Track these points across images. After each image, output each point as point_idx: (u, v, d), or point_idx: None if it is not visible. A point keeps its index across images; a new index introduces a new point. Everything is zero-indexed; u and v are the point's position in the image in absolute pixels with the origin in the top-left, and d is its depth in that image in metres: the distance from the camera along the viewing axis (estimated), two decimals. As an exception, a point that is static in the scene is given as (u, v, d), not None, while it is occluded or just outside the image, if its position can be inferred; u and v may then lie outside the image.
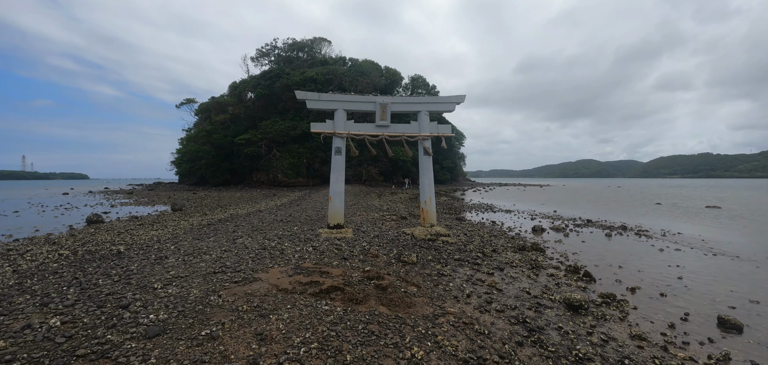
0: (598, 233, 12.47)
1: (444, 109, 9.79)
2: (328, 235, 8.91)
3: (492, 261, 7.67)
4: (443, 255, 7.73)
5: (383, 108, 9.41)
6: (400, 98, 9.38)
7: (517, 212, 19.99)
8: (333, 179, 9.39)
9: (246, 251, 7.27)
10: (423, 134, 9.60)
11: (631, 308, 5.41)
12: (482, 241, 9.62)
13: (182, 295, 4.72)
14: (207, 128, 51.57)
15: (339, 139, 9.35)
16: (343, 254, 7.09)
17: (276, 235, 9.08)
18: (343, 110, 9.46)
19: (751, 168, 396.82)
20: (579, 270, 7.34)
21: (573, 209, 22.48)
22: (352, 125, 9.52)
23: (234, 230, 10.30)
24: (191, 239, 9.18)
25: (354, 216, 14.03)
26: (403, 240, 8.82)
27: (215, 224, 12.17)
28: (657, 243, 10.77)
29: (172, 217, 15.78)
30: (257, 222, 12.11)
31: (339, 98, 9.42)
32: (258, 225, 11.24)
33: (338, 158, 9.38)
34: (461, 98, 9.77)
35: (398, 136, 9.56)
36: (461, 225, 12.90)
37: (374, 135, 9.49)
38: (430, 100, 9.68)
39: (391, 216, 14.36)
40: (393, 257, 7.20)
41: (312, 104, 9.36)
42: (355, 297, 4.76)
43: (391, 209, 18.29)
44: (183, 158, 56.71)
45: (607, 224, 14.60)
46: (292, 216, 13.72)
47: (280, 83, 47.73)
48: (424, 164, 9.75)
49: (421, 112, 9.67)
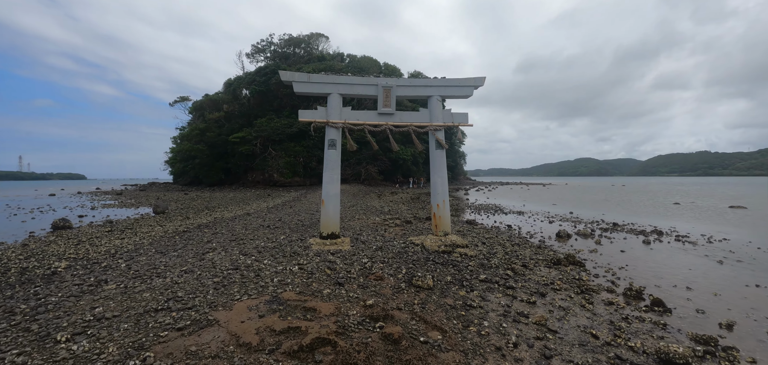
0: (633, 240, 10.85)
1: (460, 94, 8.14)
2: (320, 247, 7.27)
3: (526, 281, 6.05)
4: (465, 274, 6.10)
5: (387, 92, 7.77)
6: (407, 79, 7.73)
7: (530, 213, 18.36)
8: (326, 178, 7.73)
9: (211, 272, 5.62)
10: (435, 123, 7.95)
11: (749, 362, 3.79)
12: (506, 252, 7.98)
13: (88, 358, 3.08)
14: (200, 126, 49.83)
15: (333, 129, 7.70)
16: (337, 277, 5.45)
17: (257, 248, 7.44)
18: (338, 94, 7.81)
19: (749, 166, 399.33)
20: (642, 294, 5.71)
21: (588, 209, 20.87)
22: (350, 113, 7.88)
23: (209, 240, 8.65)
24: (153, 252, 7.53)
25: (352, 221, 12.38)
26: (412, 253, 7.19)
27: (192, 232, 10.52)
28: (711, 252, 9.15)
29: (150, 221, 14.13)
30: (240, 229, 10.45)
31: (333, 80, 7.77)
32: (240, 233, 9.59)
33: (332, 154, 7.73)
34: (480, 80, 8.14)
35: (405, 126, 7.92)
36: (474, 231, 11.26)
37: (376, 125, 7.85)
38: (444, 82, 8.04)
39: (393, 220, 12.72)
40: (402, 280, 5.56)
41: (300, 86, 7.71)
42: (351, 359, 3.12)
43: (393, 211, 16.65)
44: (176, 157, 55.02)
45: (638, 229, 12.99)
46: (282, 221, 12.07)
47: (276, 80, 45.95)
48: (437, 160, 8.11)
49: (433, 97, 8.03)
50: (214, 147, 46.39)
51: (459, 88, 8.11)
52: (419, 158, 53.15)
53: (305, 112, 7.81)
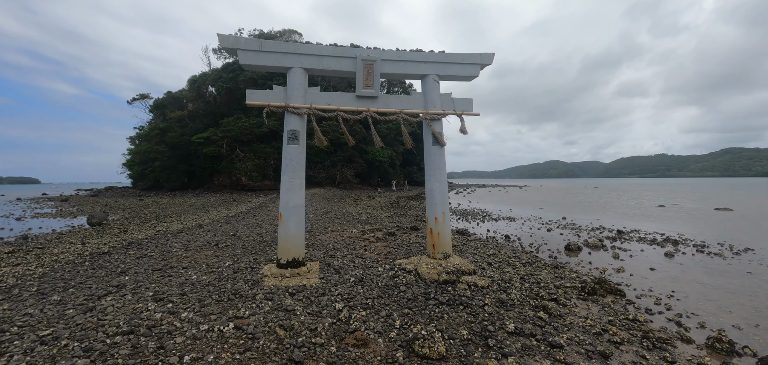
0: (652, 252, 9.41)
1: (462, 74, 6.29)
2: (275, 281, 5.17)
3: (570, 328, 4.23)
4: (486, 323, 4.20)
5: (368, 68, 5.79)
6: (395, 51, 5.78)
7: (522, 219, 16.89)
8: (285, 184, 5.64)
9: (85, 342, 3.43)
10: (432, 110, 6.05)
11: None
12: (522, 278, 6.17)
13: None
14: (161, 126, 45.88)
15: (295, 116, 5.64)
16: (294, 344, 3.40)
17: (184, 283, 5.25)
18: (302, 69, 5.76)
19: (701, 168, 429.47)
20: (734, 348, 4.03)
21: (577, 213, 19.74)
22: (318, 95, 5.84)
23: (125, 270, 6.33)
24: (28, 295, 5.14)
25: (325, 234, 10.28)
26: (405, 287, 5.23)
27: (115, 253, 8.09)
28: (747, 266, 7.78)
29: (76, 237, 11.42)
30: (179, 249, 8.15)
31: (295, 50, 5.70)
32: (175, 256, 7.31)
33: (293, 150, 5.65)
34: (489, 56, 6.32)
35: (393, 113, 5.97)
36: (470, 244, 9.46)
37: (354, 111, 5.85)
38: (444, 57, 6.14)
39: (374, 231, 10.74)
40: (397, 343, 3.59)
41: (249, 57, 5.59)
42: None
43: (372, 219, 14.65)
44: (134, 159, 50.52)
45: (646, 237, 11.66)
46: (236, 235, 9.82)
47: (245, 77, 42.87)
48: (434, 160, 6.19)
49: (429, 77, 6.12)
50: (177, 148, 42.70)
51: (462, 66, 6.25)
52: (396, 160, 51.47)
53: (256, 92, 5.69)
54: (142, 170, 47.67)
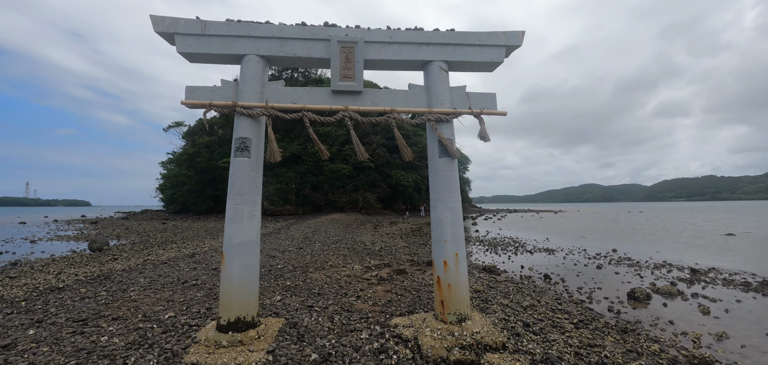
0: (753, 303, 6.93)
1: (480, 59, 4.53)
2: (200, 358, 3.50)
3: None
4: None
5: (347, 52, 4.20)
6: (385, 31, 4.13)
7: (562, 251, 14.41)
8: (229, 212, 4.03)
9: None
10: (438, 109, 4.32)
11: None
12: (578, 356, 4.12)
13: None
14: (190, 151, 46.93)
15: (246, 119, 4.09)
16: None
17: (82, 354, 3.72)
18: (259, 57, 4.26)
19: (756, 189, 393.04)
20: None
21: (627, 244, 16.84)
22: (279, 90, 4.30)
23: (39, 320, 4.91)
24: None
25: (320, 270, 8.56)
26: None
27: (65, 291, 6.78)
28: None
29: (62, 264, 10.44)
30: (139, 287, 6.74)
31: (248, 31, 4.21)
32: (130, 296, 5.88)
33: (243, 166, 4.08)
34: (515, 35, 4.55)
35: (382, 112, 4.29)
36: (499, 287, 7.39)
37: (329, 111, 4.23)
38: (454, 38, 4.43)
39: (381, 267, 8.92)
40: None
41: (188, 44, 4.16)
42: None
43: (385, 249, 12.83)
44: (166, 184, 51.99)
45: (735, 279, 9.01)
46: (217, 270, 8.35)
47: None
48: (443, 177, 4.37)
49: (434, 64, 4.43)
50: (204, 173, 43.34)
51: (480, 49, 4.51)
52: (421, 184, 49.54)
53: (197, 89, 4.23)
54: (172, 194, 48.76)
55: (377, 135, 44.53)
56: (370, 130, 44.32)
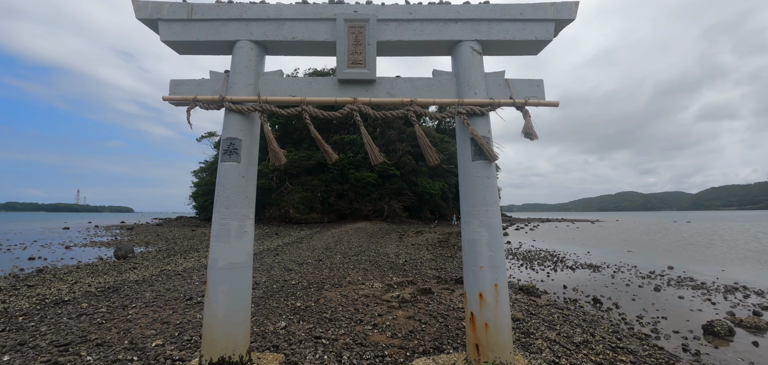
0: None
1: (522, 37, 3.64)
2: (168, 411, 2.80)
3: None
4: None
5: (357, 33, 3.45)
6: (403, 6, 3.31)
7: (608, 267, 12.89)
8: (215, 228, 3.35)
9: None
10: (469, 99, 3.47)
11: None
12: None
13: None
14: (220, 160, 48.23)
15: (235, 116, 3.42)
16: None
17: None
18: (252, 42, 3.59)
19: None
20: None
21: (684, 259, 14.92)
22: (276, 81, 3.61)
23: (21, 343, 4.44)
24: None
25: (336, 287, 7.79)
26: None
27: (68, 305, 6.42)
28: None
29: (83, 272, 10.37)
30: (144, 302, 6.26)
31: (239, 13, 3.56)
32: (129, 315, 5.38)
33: (231, 171, 3.39)
34: (568, 7, 3.63)
35: (400, 105, 3.49)
36: (541, 313, 6.32)
37: (334, 103, 3.49)
38: (488, 12, 3.57)
39: (404, 286, 8.05)
40: None
41: (172, 31, 3.57)
42: None
43: (410, 263, 11.93)
44: (198, 191, 53.79)
45: (832, 309, 7.40)
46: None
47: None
48: (477, 185, 3.47)
49: (464, 45, 3.59)
50: (232, 181, 44.23)
51: (521, 24, 3.62)
52: (449, 192, 48.10)
53: (183, 83, 3.60)
54: (204, 201, 50.19)
55: (403, 143, 43.77)
56: (396, 137, 43.64)
